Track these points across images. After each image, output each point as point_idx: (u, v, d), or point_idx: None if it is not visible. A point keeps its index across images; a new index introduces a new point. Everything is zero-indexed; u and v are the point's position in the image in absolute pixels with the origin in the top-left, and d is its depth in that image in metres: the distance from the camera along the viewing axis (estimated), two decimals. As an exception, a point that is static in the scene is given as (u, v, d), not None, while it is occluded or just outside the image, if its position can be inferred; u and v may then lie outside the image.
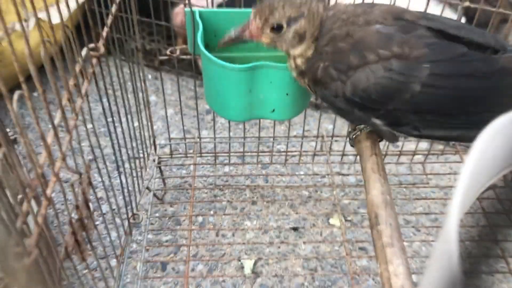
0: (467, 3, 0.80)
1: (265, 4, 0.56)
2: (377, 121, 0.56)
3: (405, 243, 0.52)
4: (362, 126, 0.62)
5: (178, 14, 1.19)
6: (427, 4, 0.84)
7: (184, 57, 0.85)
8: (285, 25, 0.56)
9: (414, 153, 1.02)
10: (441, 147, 1.08)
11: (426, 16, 0.55)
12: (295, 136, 1.14)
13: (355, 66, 0.53)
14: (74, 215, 0.53)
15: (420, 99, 0.51)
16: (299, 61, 0.58)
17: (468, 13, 1.17)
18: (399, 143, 1.09)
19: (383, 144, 1.08)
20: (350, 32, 0.54)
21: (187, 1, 0.73)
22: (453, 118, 0.53)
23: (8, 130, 0.98)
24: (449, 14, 1.14)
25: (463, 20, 1.19)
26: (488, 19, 0.84)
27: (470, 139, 0.50)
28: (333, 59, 0.54)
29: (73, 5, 0.57)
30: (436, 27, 0.54)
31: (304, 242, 0.92)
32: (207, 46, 0.69)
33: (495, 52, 0.54)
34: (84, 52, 0.57)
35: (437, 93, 0.51)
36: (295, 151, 1.07)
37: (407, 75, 0.51)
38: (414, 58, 0.51)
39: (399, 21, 0.54)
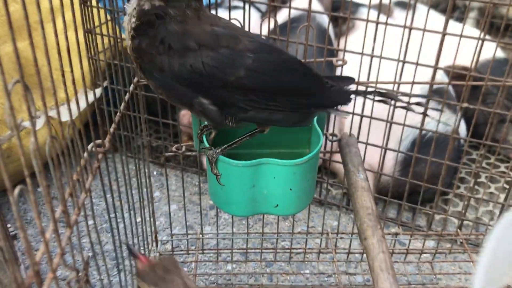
0: (465, 104, 0.83)
1: None
2: (204, 100, 0.61)
3: None
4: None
5: (185, 115, 1.24)
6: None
7: (189, 153, 0.86)
8: None
9: (421, 251, 1.00)
10: (448, 245, 1.05)
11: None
12: (299, 233, 1.12)
13: (188, 48, 0.59)
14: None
15: (244, 81, 0.60)
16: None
17: (467, 113, 1.21)
18: (405, 241, 1.07)
19: (389, 242, 1.06)
20: (194, 22, 0.61)
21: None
22: (272, 100, 0.61)
23: (9, 225, 0.98)
24: (449, 114, 1.17)
25: (462, 121, 1.23)
26: (487, 119, 0.86)
27: (288, 122, 0.64)
28: (168, 36, 0.59)
29: (83, 105, 0.59)
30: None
31: None
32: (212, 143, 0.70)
33: None
34: (90, 147, 0.58)
35: (258, 77, 0.60)
36: (300, 248, 1.04)
37: (234, 59, 0.60)
38: (239, 50, 0.60)
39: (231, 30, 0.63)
